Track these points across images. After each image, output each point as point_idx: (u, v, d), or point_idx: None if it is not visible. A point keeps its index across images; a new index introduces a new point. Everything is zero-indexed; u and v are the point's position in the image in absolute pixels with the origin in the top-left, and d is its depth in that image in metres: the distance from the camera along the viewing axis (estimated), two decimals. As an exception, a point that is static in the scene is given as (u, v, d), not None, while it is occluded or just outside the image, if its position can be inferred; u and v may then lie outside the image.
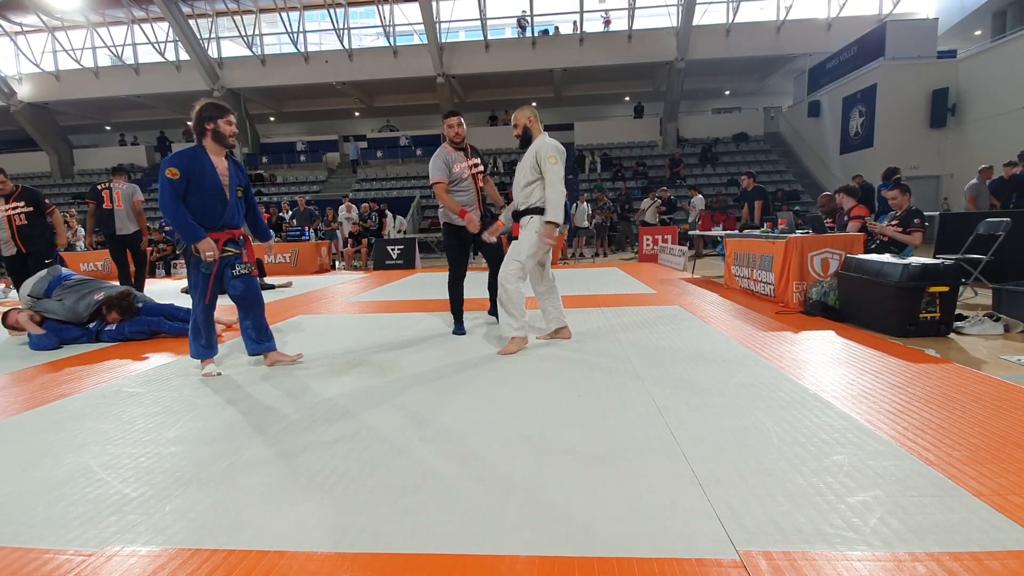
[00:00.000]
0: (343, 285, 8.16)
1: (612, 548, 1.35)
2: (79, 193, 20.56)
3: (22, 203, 5.05)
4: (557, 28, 19.55)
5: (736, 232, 6.88)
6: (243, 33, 18.84)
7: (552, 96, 21.24)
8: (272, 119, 23.71)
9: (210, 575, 1.31)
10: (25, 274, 4.79)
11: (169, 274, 11.51)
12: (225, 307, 4.07)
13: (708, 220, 10.90)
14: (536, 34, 18.51)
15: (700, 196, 12.44)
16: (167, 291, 7.95)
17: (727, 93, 22.75)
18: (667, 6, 17.53)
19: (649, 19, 18.43)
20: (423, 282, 8.12)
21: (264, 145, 22.25)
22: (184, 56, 18.52)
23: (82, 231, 12.87)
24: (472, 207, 3.89)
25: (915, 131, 13.59)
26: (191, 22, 17.84)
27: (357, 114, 23.64)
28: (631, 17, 17.48)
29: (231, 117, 3.02)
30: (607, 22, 19.03)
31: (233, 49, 20.37)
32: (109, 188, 5.87)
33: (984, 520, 1.40)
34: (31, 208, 5.07)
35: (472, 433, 2.12)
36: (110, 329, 4.22)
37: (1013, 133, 11.26)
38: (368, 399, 2.60)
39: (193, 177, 2.89)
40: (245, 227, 3.26)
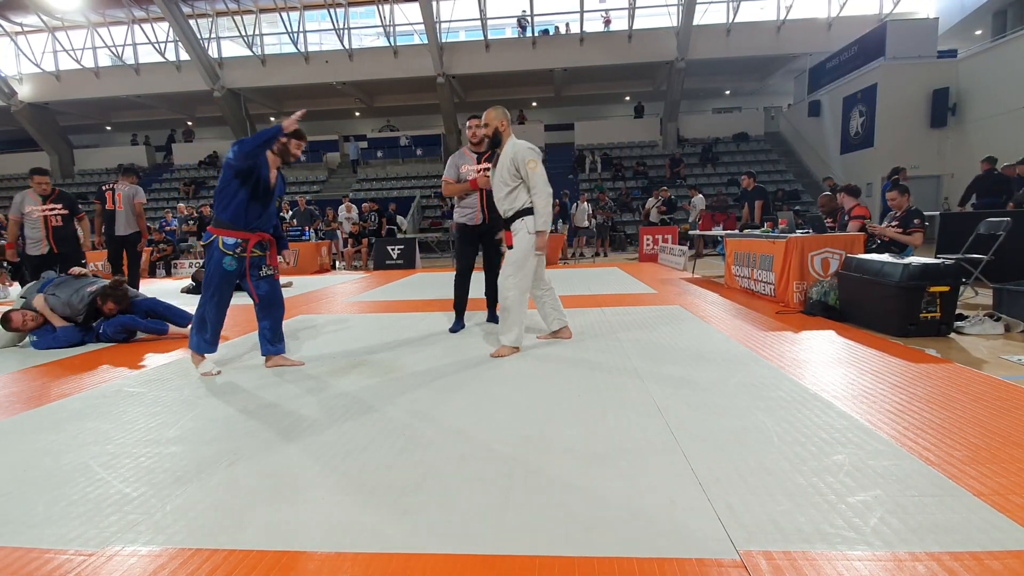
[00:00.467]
0: (343, 285, 8.16)
1: (612, 548, 1.35)
2: (81, 193, 20.60)
3: (59, 205, 5.29)
4: (558, 28, 19.54)
5: (736, 232, 6.88)
6: (243, 33, 18.83)
7: (552, 96, 21.24)
8: (272, 119, 23.65)
9: (210, 575, 1.31)
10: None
11: (170, 274, 11.51)
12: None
13: (708, 220, 10.90)
14: (536, 34, 18.51)
15: (700, 196, 12.44)
16: (167, 291, 7.96)
17: (727, 93, 22.75)
18: (667, 6, 17.51)
19: (649, 19, 18.43)
20: (423, 282, 8.11)
21: (264, 145, 22.22)
22: (184, 56, 18.51)
23: (82, 232, 12.86)
24: (474, 208, 3.98)
25: (915, 131, 13.58)
26: (191, 22, 17.83)
27: (357, 114, 23.65)
28: (631, 17, 17.47)
29: (303, 144, 3.18)
30: (607, 22, 19.02)
31: (233, 49, 20.37)
32: (112, 189, 5.94)
33: (984, 520, 1.40)
34: (67, 211, 5.32)
35: (472, 433, 2.12)
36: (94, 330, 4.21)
37: (1014, 133, 11.26)
38: (368, 399, 2.60)
39: (255, 169, 3.02)
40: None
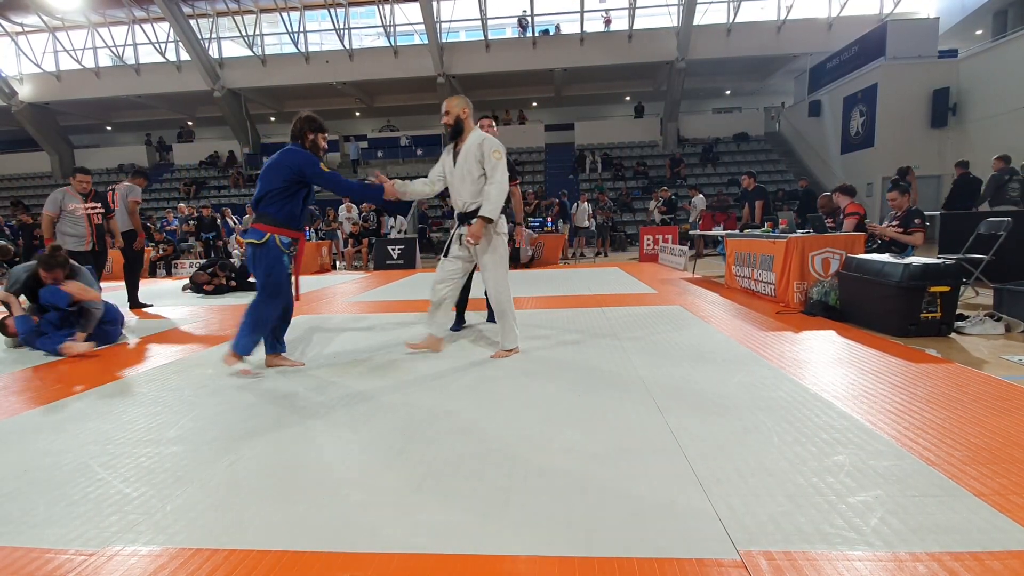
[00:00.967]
0: (343, 285, 8.16)
1: (613, 548, 1.35)
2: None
3: (99, 204, 5.47)
4: (558, 27, 19.54)
5: (737, 232, 6.88)
6: (244, 33, 18.83)
7: (552, 96, 21.24)
8: (273, 119, 23.71)
9: (211, 575, 1.31)
10: (99, 267, 5.37)
11: (170, 274, 11.51)
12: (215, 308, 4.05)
13: (709, 220, 10.90)
14: (536, 34, 18.50)
15: (701, 196, 12.43)
16: (168, 291, 7.96)
17: (727, 93, 22.75)
18: (667, 6, 17.51)
19: (649, 19, 18.43)
20: (423, 282, 8.10)
21: (265, 145, 22.21)
22: (185, 56, 18.52)
23: None
24: None
25: (916, 131, 13.56)
26: (192, 22, 17.84)
27: (358, 114, 23.65)
28: (631, 17, 17.47)
29: (327, 134, 3.23)
30: (607, 22, 19.01)
31: (234, 49, 20.36)
32: (113, 189, 5.98)
33: (985, 520, 1.40)
34: (103, 209, 5.52)
35: (472, 433, 2.12)
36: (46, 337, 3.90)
37: (1014, 133, 11.24)
38: (368, 399, 2.60)
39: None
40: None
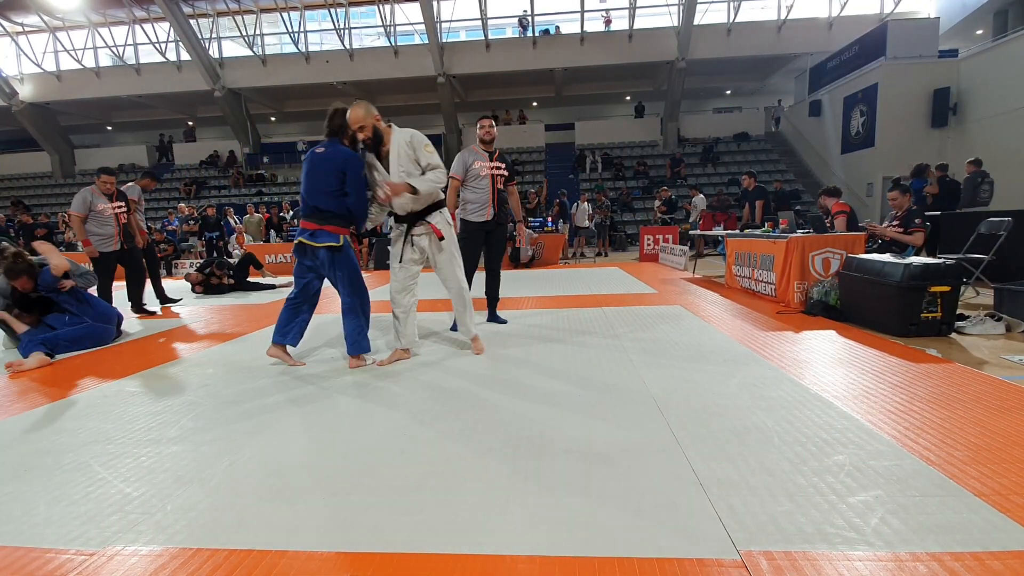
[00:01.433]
0: (344, 285, 8.13)
1: (613, 548, 1.35)
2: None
3: (123, 203, 5.53)
4: (558, 27, 19.53)
5: (737, 232, 6.88)
6: (244, 33, 18.82)
7: (553, 96, 21.22)
8: (273, 119, 23.70)
9: (211, 575, 1.31)
10: (133, 265, 5.59)
11: (170, 274, 11.50)
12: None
13: (709, 219, 10.90)
14: (537, 34, 18.50)
15: (701, 196, 12.42)
16: (168, 291, 7.94)
17: (728, 93, 22.73)
18: (668, 6, 17.49)
19: (650, 19, 18.41)
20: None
21: (265, 145, 22.24)
22: (185, 56, 18.50)
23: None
24: (484, 204, 4.07)
25: (916, 131, 13.55)
26: (192, 22, 17.83)
27: (358, 114, 23.62)
28: (632, 17, 17.45)
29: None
30: (608, 22, 19.00)
31: (234, 49, 20.35)
32: (119, 190, 5.98)
33: (986, 520, 1.40)
34: (127, 209, 5.58)
35: (472, 433, 2.12)
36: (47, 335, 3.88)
37: (1015, 133, 11.24)
38: (369, 399, 2.60)
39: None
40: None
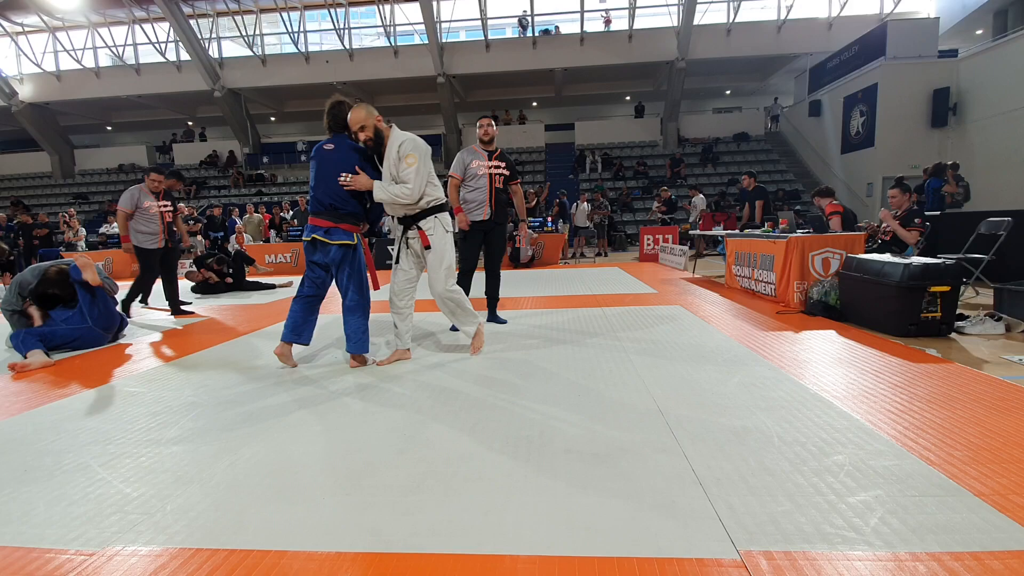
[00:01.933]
0: (344, 285, 8.13)
1: (613, 548, 1.35)
2: (81, 193, 20.63)
3: (168, 203, 5.58)
4: (558, 27, 19.53)
5: (737, 232, 6.88)
6: (244, 33, 18.83)
7: (553, 96, 21.23)
8: (273, 119, 23.70)
9: (211, 575, 1.31)
10: (169, 266, 5.62)
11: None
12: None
13: (709, 219, 10.90)
14: (537, 34, 18.50)
15: (701, 196, 12.42)
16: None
17: (727, 93, 22.74)
18: (668, 6, 17.51)
19: (649, 19, 18.43)
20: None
21: (265, 145, 22.25)
22: (185, 56, 18.53)
23: (83, 231, 12.92)
24: (482, 203, 4.05)
25: (916, 131, 13.56)
26: (192, 22, 17.85)
27: (358, 114, 23.61)
28: (631, 17, 17.47)
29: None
30: (607, 22, 19.00)
31: (234, 49, 20.35)
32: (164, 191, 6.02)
33: (985, 520, 1.40)
34: (173, 209, 5.65)
35: (472, 433, 2.12)
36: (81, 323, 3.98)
37: (1014, 133, 11.25)
38: (369, 399, 2.60)
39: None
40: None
